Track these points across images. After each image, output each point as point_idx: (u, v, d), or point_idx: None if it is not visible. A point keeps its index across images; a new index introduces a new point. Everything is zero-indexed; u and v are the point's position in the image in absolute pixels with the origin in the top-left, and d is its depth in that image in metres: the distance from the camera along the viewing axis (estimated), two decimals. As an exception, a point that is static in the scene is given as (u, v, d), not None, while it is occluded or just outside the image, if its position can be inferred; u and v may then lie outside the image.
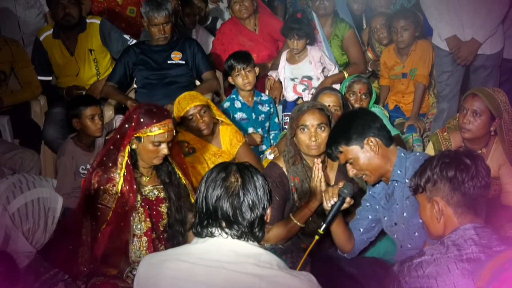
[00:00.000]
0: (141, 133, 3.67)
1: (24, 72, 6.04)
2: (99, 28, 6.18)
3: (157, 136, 3.67)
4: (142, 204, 3.78)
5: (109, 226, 3.62)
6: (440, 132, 4.63)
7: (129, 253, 3.77)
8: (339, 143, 3.52)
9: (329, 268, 3.71)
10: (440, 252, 2.53)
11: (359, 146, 3.48)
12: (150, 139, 3.67)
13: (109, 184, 3.69)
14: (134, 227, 3.76)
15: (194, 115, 4.64)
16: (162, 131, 3.68)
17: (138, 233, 3.78)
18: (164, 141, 3.70)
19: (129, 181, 3.69)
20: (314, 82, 5.88)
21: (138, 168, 3.84)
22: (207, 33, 7.25)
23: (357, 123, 3.50)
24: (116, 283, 3.62)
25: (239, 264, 2.41)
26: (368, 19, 6.90)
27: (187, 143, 4.69)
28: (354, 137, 3.47)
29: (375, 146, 3.47)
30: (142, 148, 3.72)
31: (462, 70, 5.61)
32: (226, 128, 4.90)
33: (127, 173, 3.69)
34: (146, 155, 3.74)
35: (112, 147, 3.75)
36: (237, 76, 5.48)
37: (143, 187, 3.85)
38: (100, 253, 3.60)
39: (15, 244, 2.95)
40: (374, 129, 3.49)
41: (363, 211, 3.78)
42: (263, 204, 2.54)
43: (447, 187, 2.61)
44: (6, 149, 5.34)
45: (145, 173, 3.87)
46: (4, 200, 2.98)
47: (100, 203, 3.68)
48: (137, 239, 3.78)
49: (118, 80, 5.96)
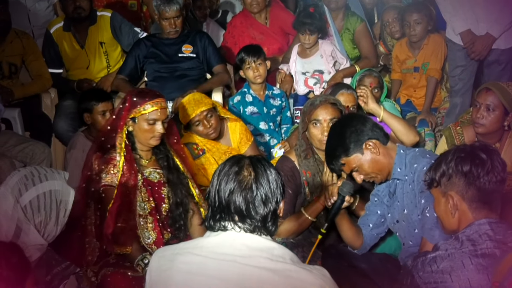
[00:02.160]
0: (135, 113, 3.77)
1: (35, 64, 6.06)
2: (110, 21, 6.20)
3: (150, 113, 3.77)
4: (144, 184, 3.83)
5: (115, 204, 3.66)
6: (453, 126, 4.61)
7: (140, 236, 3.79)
8: (339, 157, 3.50)
9: (339, 263, 3.69)
10: (454, 247, 2.51)
11: (360, 153, 3.46)
12: (144, 117, 3.77)
13: (109, 165, 3.74)
14: (138, 206, 3.79)
15: (201, 121, 4.61)
16: (156, 108, 3.78)
17: (143, 213, 3.80)
18: (158, 118, 3.79)
19: (129, 160, 3.77)
20: (326, 76, 5.87)
21: (136, 150, 3.90)
22: (218, 26, 7.23)
23: (349, 131, 3.47)
24: (126, 273, 3.64)
25: (252, 258, 2.40)
26: (379, 13, 6.87)
27: (196, 145, 4.66)
28: (351, 146, 3.45)
29: (375, 148, 3.46)
30: (138, 129, 3.81)
31: (476, 65, 5.56)
32: (235, 124, 4.88)
33: (126, 152, 3.76)
34: (143, 135, 3.81)
35: (110, 128, 3.84)
36: (247, 69, 5.47)
37: (143, 168, 3.90)
38: (110, 231, 3.62)
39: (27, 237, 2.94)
40: (368, 132, 3.47)
41: (372, 206, 3.77)
42: (276, 198, 2.52)
43: (462, 182, 2.59)
44: (17, 142, 5.36)
45: (144, 156, 3.93)
46: (16, 192, 2.97)
47: (103, 184, 3.72)
48: (143, 220, 3.80)
49: (129, 73, 5.96)
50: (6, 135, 5.42)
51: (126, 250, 3.66)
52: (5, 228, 2.91)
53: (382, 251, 3.94)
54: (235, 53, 6.35)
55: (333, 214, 3.58)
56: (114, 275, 3.62)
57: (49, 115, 6.06)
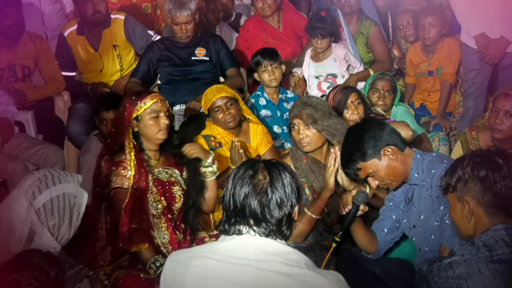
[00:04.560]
0: (137, 111, 3.84)
1: (48, 67, 6.07)
2: (124, 24, 6.20)
3: (152, 106, 3.86)
4: (154, 184, 3.86)
5: (129, 203, 3.70)
6: (469, 131, 4.59)
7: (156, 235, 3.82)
8: (355, 161, 3.46)
9: (353, 268, 3.67)
10: (470, 252, 2.48)
11: (377, 159, 3.42)
12: (146, 112, 3.86)
13: (119, 167, 3.77)
14: (151, 206, 3.83)
15: (220, 106, 4.62)
16: (155, 100, 3.88)
17: (155, 213, 3.84)
18: (160, 110, 3.88)
19: (138, 161, 3.81)
20: (339, 80, 5.85)
21: (144, 151, 3.94)
22: (231, 29, 7.22)
23: (368, 136, 3.43)
24: (139, 275, 3.65)
25: (266, 262, 2.39)
26: (393, 16, 6.84)
27: (214, 137, 4.68)
28: (369, 151, 3.41)
29: (393, 154, 3.41)
30: (144, 126, 3.88)
31: (490, 69, 5.53)
32: (257, 126, 4.88)
33: (135, 153, 3.81)
34: (150, 130, 3.88)
35: (115, 131, 3.91)
36: (263, 72, 5.45)
37: (152, 168, 3.93)
38: (126, 229, 3.66)
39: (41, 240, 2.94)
40: (386, 137, 3.43)
41: (387, 211, 3.74)
42: (291, 201, 2.51)
43: (479, 187, 2.57)
44: (30, 145, 5.38)
45: (152, 156, 3.97)
46: (29, 195, 2.98)
47: (115, 187, 3.74)
48: (157, 220, 3.84)
49: (142, 76, 5.96)
50: (19, 138, 5.44)
51: (142, 247, 3.67)
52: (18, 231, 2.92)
53: (396, 256, 3.91)
54: (247, 56, 6.35)
55: (348, 223, 3.55)
56: (127, 277, 3.63)
57: (62, 118, 6.07)
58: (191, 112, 5.51)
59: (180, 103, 5.74)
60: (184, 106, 5.62)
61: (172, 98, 5.75)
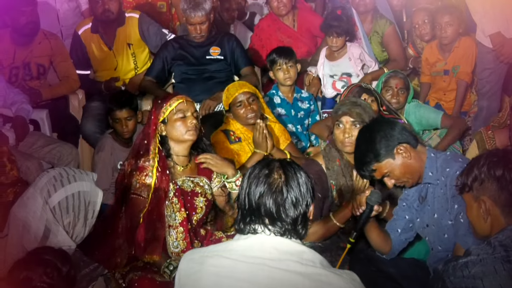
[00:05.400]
0: (163, 113, 3.79)
1: (62, 66, 6.09)
2: (138, 22, 6.22)
3: (177, 106, 3.80)
4: (176, 194, 3.78)
5: (146, 214, 3.66)
6: (485, 130, 4.57)
7: (167, 244, 3.78)
8: (369, 163, 3.45)
9: (368, 268, 3.67)
10: (486, 252, 2.47)
11: (391, 158, 3.40)
12: (173, 113, 3.80)
13: (141, 173, 3.70)
14: (169, 217, 3.76)
15: (243, 101, 4.64)
16: (181, 100, 3.82)
17: (173, 224, 3.78)
18: (186, 109, 3.82)
19: (162, 167, 3.73)
20: (354, 79, 5.84)
21: (171, 157, 3.87)
22: (245, 28, 7.22)
23: (379, 136, 3.42)
24: (154, 278, 3.63)
25: (281, 262, 2.39)
26: (408, 15, 6.82)
27: (233, 132, 4.70)
28: (382, 152, 3.40)
29: (406, 152, 3.40)
30: (171, 128, 3.81)
31: (505, 68, 5.53)
32: (274, 125, 4.90)
33: (159, 159, 3.74)
34: (177, 131, 3.80)
35: (142, 137, 3.84)
36: (278, 70, 5.46)
37: (177, 177, 3.86)
38: (142, 239, 3.65)
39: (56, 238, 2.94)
40: (398, 136, 3.42)
41: (400, 211, 3.72)
42: (306, 201, 2.51)
43: (495, 186, 2.57)
44: (45, 143, 5.40)
45: (179, 162, 3.90)
46: (45, 193, 2.98)
47: (134, 192, 3.70)
48: (173, 230, 3.78)
49: (157, 74, 5.97)
50: (34, 136, 5.46)
51: (154, 258, 3.66)
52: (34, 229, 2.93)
53: (410, 256, 3.90)
54: (262, 55, 6.35)
55: (362, 224, 3.55)
56: (142, 280, 3.61)
57: (76, 117, 6.09)
58: (206, 111, 5.51)
59: (195, 102, 5.72)
60: (198, 105, 5.63)
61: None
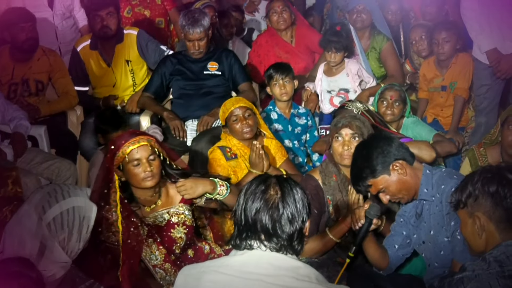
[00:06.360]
0: (118, 160, 3.59)
1: (61, 82, 6.11)
2: (136, 39, 6.24)
3: (129, 154, 3.58)
4: (149, 235, 3.69)
5: (124, 266, 3.55)
6: (476, 147, 4.59)
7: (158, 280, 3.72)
8: (365, 178, 3.47)
9: (365, 284, 3.66)
10: (481, 268, 2.48)
11: (387, 174, 3.43)
12: (126, 161, 3.59)
13: (108, 225, 3.59)
14: (149, 259, 3.69)
15: (238, 116, 4.64)
16: (134, 146, 3.58)
17: (157, 263, 3.71)
18: (139, 156, 3.59)
19: (127, 217, 3.60)
20: (351, 95, 5.85)
21: (135, 200, 3.75)
22: (244, 44, 7.25)
23: (376, 152, 3.44)
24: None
25: (277, 277, 2.40)
26: (405, 30, 6.83)
27: (229, 149, 4.69)
28: (379, 167, 3.42)
29: (402, 169, 3.43)
30: (128, 175, 3.63)
31: (502, 84, 5.55)
32: (270, 141, 4.89)
33: (123, 209, 3.59)
34: (135, 180, 3.63)
35: (102, 186, 3.63)
36: (274, 86, 5.47)
37: (146, 215, 3.76)
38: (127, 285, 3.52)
39: (51, 254, 2.92)
40: (394, 152, 3.44)
41: (398, 227, 3.73)
42: (302, 217, 2.52)
43: (489, 202, 2.57)
44: (43, 159, 5.40)
45: (146, 204, 3.77)
46: (39, 210, 2.96)
47: (106, 241, 3.62)
48: (159, 269, 3.72)
49: (155, 90, 5.99)
50: (32, 152, 5.46)
51: None
52: (29, 246, 2.91)
53: (407, 272, 3.90)
54: (260, 71, 6.38)
55: (361, 238, 3.55)
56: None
57: (74, 133, 6.10)
58: (204, 127, 5.51)
59: (193, 118, 5.74)
60: (196, 121, 5.63)
61: (185, 113, 5.79)
